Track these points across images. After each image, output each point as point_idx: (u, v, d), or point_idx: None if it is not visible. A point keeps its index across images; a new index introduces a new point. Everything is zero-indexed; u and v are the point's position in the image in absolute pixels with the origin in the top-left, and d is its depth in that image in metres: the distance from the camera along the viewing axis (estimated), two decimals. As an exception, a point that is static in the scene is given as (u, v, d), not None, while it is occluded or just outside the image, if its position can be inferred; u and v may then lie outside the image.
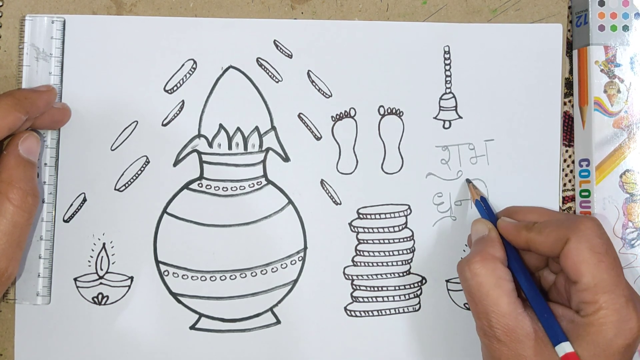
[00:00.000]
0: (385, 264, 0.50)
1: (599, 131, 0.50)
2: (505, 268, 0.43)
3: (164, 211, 0.49)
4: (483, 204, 0.48)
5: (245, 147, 0.50)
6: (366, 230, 0.50)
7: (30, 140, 0.44)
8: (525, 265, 0.46)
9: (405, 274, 0.51)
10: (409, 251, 0.51)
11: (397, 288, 0.50)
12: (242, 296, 0.49)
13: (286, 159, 0.50)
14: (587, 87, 0.51)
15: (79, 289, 0.49)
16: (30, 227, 0.44)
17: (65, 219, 0.49)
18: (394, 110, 0.51)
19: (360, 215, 0.50)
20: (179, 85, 0.50)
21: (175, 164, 0.50)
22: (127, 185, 0.49)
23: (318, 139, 0.50)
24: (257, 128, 0.50)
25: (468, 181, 0.51)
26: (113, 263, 0.49)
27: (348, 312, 0.50)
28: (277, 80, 0.50)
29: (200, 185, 0.50)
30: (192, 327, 0.49)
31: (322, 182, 0.50)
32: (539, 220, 0.45)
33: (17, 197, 0.42)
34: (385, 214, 0.50)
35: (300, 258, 0.50)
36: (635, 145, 0.51)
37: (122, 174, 0.49)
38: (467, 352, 0.50)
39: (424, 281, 0.51)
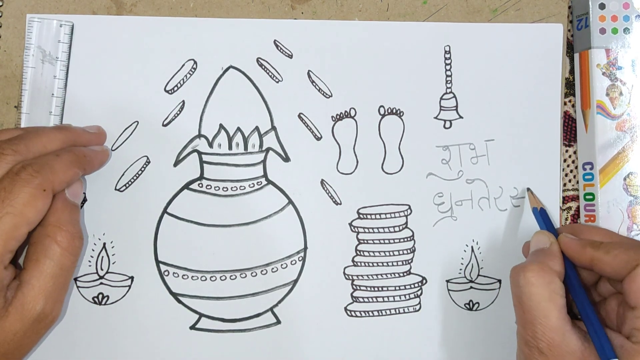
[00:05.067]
0: (385, 264, 0.50)
1: (601, 134, 0.50)
2: (560, 283, 0.43)
3: (164, 211, 0.49)
4: (542, 216, 0.48)
5: (246, 147, 0.50)
6: (366, 230, 0.50)
7: (76, 185, 0.46)
8: (582, 284, 0.45)
9: (405, 274, 0.50)
10: (409, 251, 0.50)
11: (397, 288, 0.50)
12: (242, 296, 0.49)
13: (286, 159, 0.50)
14: (589, 90, 0.51)
15: (79, 289, 0.49)
16: (74, 270, 0.45)
17: (66, 218, 0.49)
18: (394, 110, 0.51)
19: (361, 215, 0.50)
20: (179, 85, 0.50)
21: (175, 164, 0.50)
22: (127, 185, 0.49)
23: (318, 139, 0.50)
24: (257, 128, 0.50)
25: (528, 189, 0.50)
26: (113, 263, 0.49)
27: (348, 312, 0.50)
28: (277, 80, 0.50)
29: (200, 185, 0.50)
30: (192, 327, 0.49)
31: (322, 182, 0.50)
32: (604, 241, 0.44)
33: (65, 239, 0.43)
34: (385, 214, 0.50)
35: (300, 258, 0.50)
36: (639, 148, 0.50)
37: (123, 174, 0.49)
38: (467, 352, 0.50)
39: (424, 281, 0.50)
